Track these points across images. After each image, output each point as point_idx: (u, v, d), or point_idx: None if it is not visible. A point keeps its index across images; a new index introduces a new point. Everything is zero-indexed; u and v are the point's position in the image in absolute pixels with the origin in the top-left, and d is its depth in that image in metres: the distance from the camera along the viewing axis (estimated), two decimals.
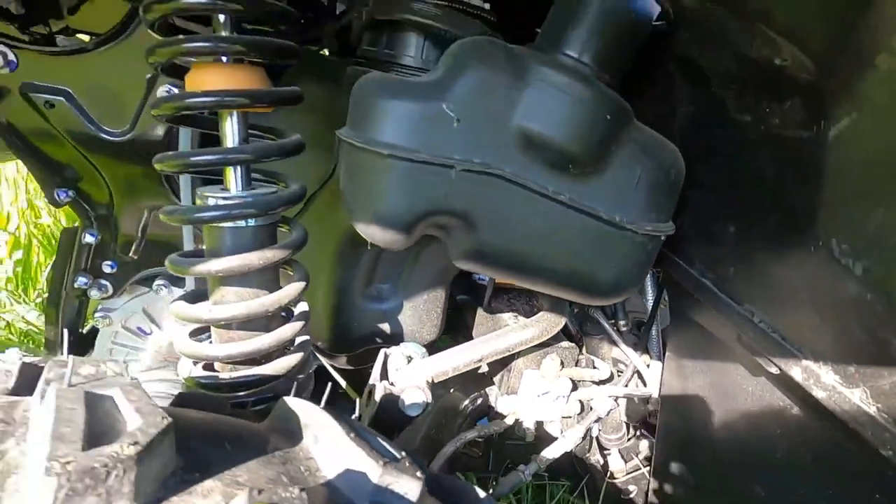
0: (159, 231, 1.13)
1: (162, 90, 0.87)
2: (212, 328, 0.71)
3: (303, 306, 0.75)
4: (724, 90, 0.66)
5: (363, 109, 0.58)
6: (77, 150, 0.92)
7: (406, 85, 0.58)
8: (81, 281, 1.11)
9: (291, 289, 0.69)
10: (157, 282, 1.16)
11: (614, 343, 1.13)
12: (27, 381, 0.45)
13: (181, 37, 0.59)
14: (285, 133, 0.68)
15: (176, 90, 0.87)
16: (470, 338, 1.21)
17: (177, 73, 0.65)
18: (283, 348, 0.71)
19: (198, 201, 0.66)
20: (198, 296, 0.73)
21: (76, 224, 1.09)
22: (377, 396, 0.83)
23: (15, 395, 0.43)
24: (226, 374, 0.68)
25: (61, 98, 0.86)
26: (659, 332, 1.18)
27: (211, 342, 0.71)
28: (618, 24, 0.59)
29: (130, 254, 1.14)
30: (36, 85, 0.85)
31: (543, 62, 0.57)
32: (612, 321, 1.15)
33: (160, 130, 0.92)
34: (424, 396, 0.82)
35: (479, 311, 1.18)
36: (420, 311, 1.02)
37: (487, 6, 0.81)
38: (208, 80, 0.62)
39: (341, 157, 0.66)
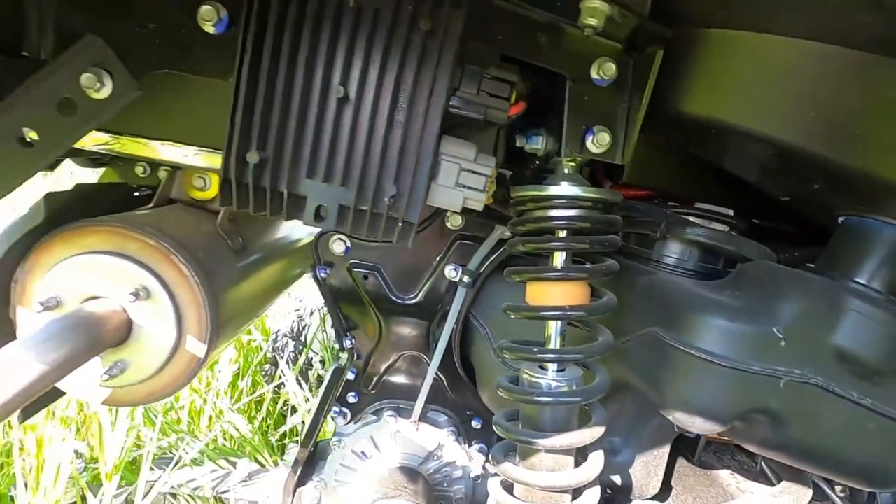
0: (396, 371, 1.34)
1: (449, 269, 1.10)
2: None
3: None
4: None
5: (694, 321, 0.73)
6: (371, 308, 1.15)
7: (730, 307, 0.73)
8: (334, 410, 1.31)
9: (599, 459, 0.81)
10: (388, 413, 1.34)
11: None
12: None
13: (542, 267, 0.79)
14: (596, 328, 0.84)
15: (461, 268, 1.10)
16: (669, 488, 1.25)
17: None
18: None
19: (524, 378, 0.83)
20: (508, 448, 0.87)
21: (340, 363, 1.31)
22: None
23: None
24: None
25: (374, 272, 1.11)
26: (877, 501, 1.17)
27: None
28: None
29: (370, 388, 1.35)
30: (358, 263, 1.11)
31: (851, 292, 0.71)
32: (830, 486, 1.16)
33: (435, 298, 1.14)
34: None
35: (681, 462, 1.23)
36: (649, 466, 1.10)
37: (731, 212, 0.99)
38: (549, 293, 0.80)
39: (646, 350, 0.81)
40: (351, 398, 1.34)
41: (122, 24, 0.61)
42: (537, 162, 0.88)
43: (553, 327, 0.81)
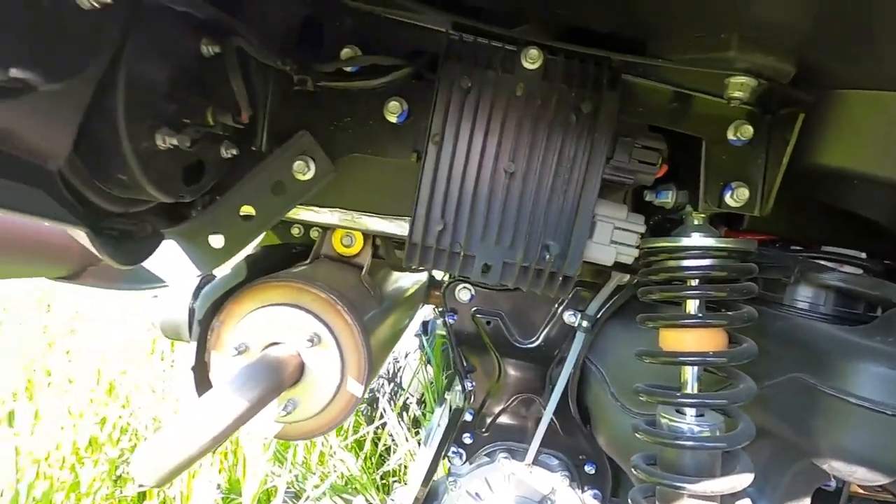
0: (509, 413, 1.38)
1: (568, 315, 1.15)
2: None
3: None
4: None
5: (849, 368, 0.74)
6: (492, 352, 1.22)
7: (889, 354, 0.73)
8: (451, 450, 1.37)
9: None
10: (501, 454, 1.38)
11: None
12: None
13: (680, 314, 0.83)
14: (735, 375, 0.86)
15: (579, 314, 1.15)
16: None
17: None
18: None
19: (664, 422, 0.85)
20: (646, 492, 0.88)
21: (452, 404, 1.38)
22: None
23: None
24: None
25: (497, 318, 1.18)
26: None
27: None
28: None
29: (484, 430, 1.39)
30: (482, 309, 1.19)
31: None
32: None
33: (553, 342, 1.19)
34: None
35: None
36: None
37: (864, 255, 0.98)
38: (686, 339, 0.83)
39: (790, 397, 0.81)
40: (466, 439, 1.39)
41: (324, 120, 0.75)
42: (659, 215, 0.93)
43: (690, 373, 0.84)
